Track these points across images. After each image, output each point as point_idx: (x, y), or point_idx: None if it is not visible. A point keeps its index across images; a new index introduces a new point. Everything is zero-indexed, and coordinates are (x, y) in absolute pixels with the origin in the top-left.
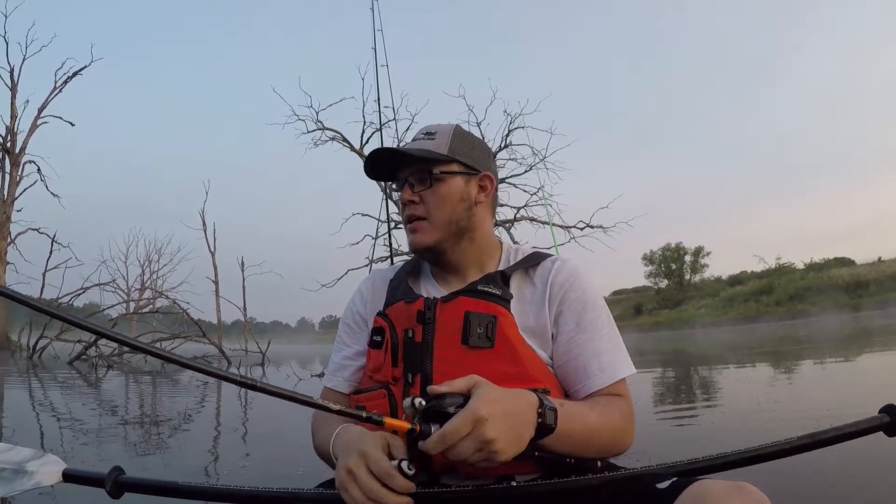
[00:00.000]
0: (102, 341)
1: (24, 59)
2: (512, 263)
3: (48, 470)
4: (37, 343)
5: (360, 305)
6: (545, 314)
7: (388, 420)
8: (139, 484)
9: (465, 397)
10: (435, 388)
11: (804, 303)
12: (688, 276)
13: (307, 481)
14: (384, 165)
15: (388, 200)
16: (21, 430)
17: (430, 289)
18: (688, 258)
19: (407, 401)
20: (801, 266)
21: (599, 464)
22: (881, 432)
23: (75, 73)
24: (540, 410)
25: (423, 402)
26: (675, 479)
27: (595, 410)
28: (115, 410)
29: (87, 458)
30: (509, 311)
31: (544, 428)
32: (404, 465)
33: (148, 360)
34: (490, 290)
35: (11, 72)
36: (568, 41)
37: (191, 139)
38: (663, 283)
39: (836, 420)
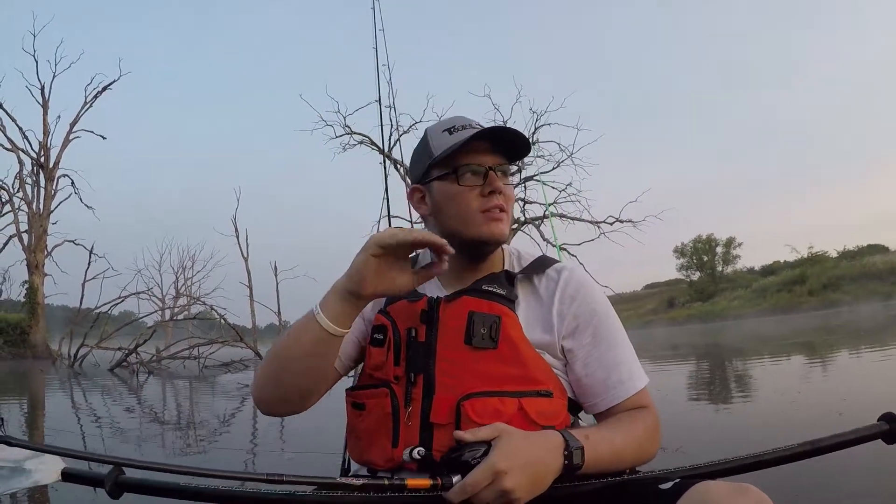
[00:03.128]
0: (141, 347)
1: (53, 76)
2: (516, 266)
3: (47, 468)
4: (77, 351)
5: None
6: (553, 327)
7: (411, 481)
8: (139, 484)
9: (488, 445)
10: (460, 435)
11: (837, 292)
12: (720, 268)
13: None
14: (501, 142)
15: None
16: (58, 435)
17: (432, 287)
18: (719, 249)
19: (406, 451)
20: (834, 254)
21: None
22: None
23: (104, 88)
24: (566, 452)
25: (422, 451)
26: (677, 480)
27: (620, 431)
28: (154, 414)
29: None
30: (514, 311)
31: (572, 467)
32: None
33: (186, 365)
34: (494, 289)
35: (42, 89)
36: (592, 31)
37: (220, 147)
38: (695, 276)
39: (850, 413)
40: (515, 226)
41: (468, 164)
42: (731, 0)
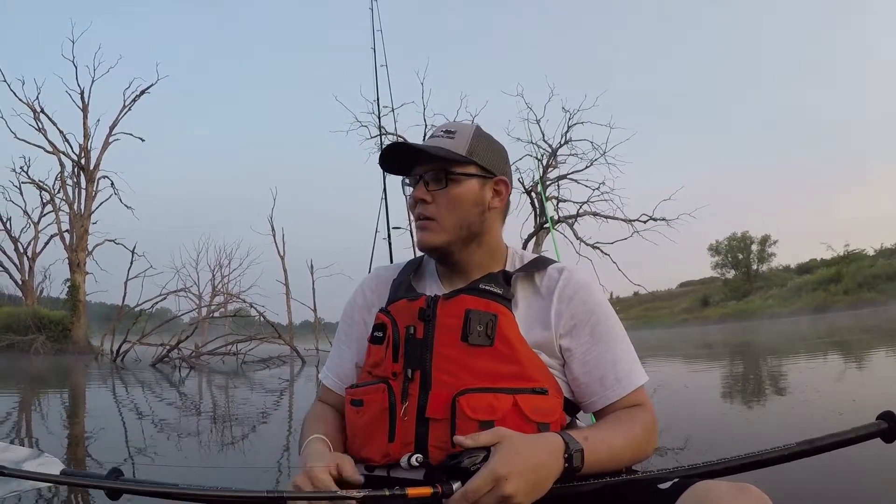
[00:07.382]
0: (182, 344)
1: (92, 81)
2: (517, 266)
3: (45, 470)
4: (120, 347)
5: (361, 304)
6: (551, 326)
7: (411, 490)
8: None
9: (488, 451)
10: (460, 441)
11: (873, 291)
12: (755, 266)
13: None
14: (401, 160)
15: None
16: (91, 435)
17: (433, 287)
18: (755, 247)
19: (404, 459)
20: (871, 252)
21: None
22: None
23: (143, 92)
24: (566, 455)
25: (420, 458)
26: (676, 479)
27: (618, 431)
28: (198, 412)
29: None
30: (510, 310)
31: (572, 470)
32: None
33: (224, 361)
34: (491, 288)
35: (82, 94)
36: (622, 25)
37: (256, 147)
38: (730, 274)
39: (856, 412)
40: (548, 224)
41: (410, 178)
42: None
